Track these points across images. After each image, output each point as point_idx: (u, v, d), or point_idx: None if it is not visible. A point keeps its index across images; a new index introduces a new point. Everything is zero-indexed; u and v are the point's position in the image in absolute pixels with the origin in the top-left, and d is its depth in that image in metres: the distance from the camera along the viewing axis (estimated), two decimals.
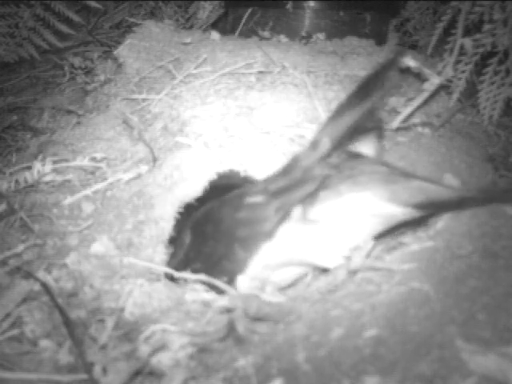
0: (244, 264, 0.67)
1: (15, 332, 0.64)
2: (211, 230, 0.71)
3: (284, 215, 0.64)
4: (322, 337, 0.55)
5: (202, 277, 0.67)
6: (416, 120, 0.99)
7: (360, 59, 1.11)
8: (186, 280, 0.69)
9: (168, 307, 0.64)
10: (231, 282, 0.68)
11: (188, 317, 0.62)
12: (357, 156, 0.66)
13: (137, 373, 0.55)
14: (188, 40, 1.20)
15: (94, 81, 1.24)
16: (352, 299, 0.59)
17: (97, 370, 0.56)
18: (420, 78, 1.00)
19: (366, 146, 0.68)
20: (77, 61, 1.32)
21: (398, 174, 0.64)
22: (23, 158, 1.04)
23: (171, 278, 0.72)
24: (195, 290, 0.68)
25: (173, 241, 0.79)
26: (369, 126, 0.67)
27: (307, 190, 0.63)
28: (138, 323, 0.63)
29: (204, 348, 0.59)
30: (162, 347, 0.58)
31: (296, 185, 0.64)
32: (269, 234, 0.65)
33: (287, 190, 0.65)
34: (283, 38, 1.24)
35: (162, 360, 0.56)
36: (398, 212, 0.63)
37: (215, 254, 0.69)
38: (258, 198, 0.66)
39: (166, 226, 0.80)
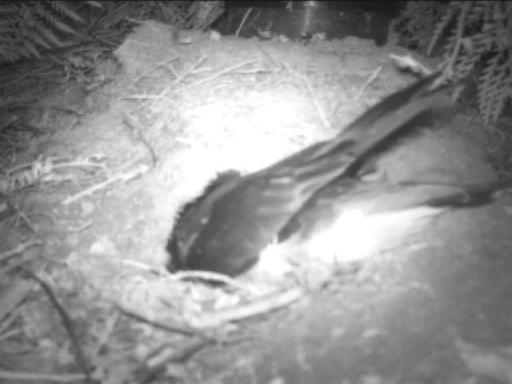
0: (266, 243, 0.67)
1: (15, 332, 0.64)
2: (233, 208, 0.71)
3: (310, 197, 0.66)
4: (322, 337, 0.55)
5: (207, 274, 0.67)
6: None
7: (360, 59, 1.11)
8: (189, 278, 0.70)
9: (164, 305, 0.64)
10: (253, 261, 0.68)
11: (188, 316, 0.62)
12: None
13: (136, 374, 0.55)
14: (188, 40, 1.20)
15: (94, 81, 1.24)
16: (352, 299, 0.59)
17: (98, 372, 0.56)
18: (420, 77, 1.00)
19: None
20: (77, 61, 1.32)
21: (401, 184, 0.68)
22: (23, 158, 1.04)
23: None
24: (199, 289, 0.68)
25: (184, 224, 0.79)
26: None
27: (333, 175, 0.65)
28: (136, 322, 0.63)
29: (203, 348, 0.59)
30: (160, 348, 0.58)
31: (323, 170, 0.66)
32: (292, 215, 0.66)
33: (314, 174, 0.66)
34: (283, 38, 1.24)
35: (161, 361, 0.56)
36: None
37: (235, 232, 0.69)
38: (283, 180, 0.67)
39: (166, 226, 0.80)
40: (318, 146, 0.70)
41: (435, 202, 0.65)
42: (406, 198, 0.65)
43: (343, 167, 0.65)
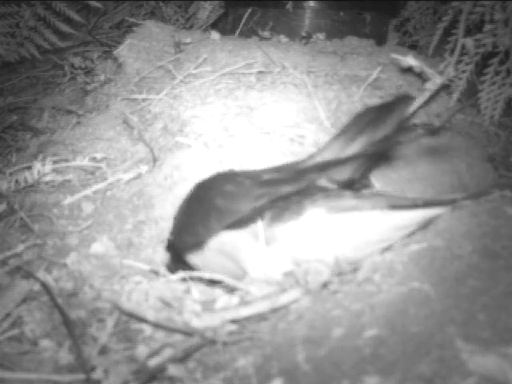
0: (213, 234, 0.69)
1: (15, 332, 0.64)
2: (200, 194, 0.74)
3: (262, 204, 0.66)
4: (322, 337, 0.54)
5: (208, 274, 0.69)
6: (416, 120, 0.99)
7: (360, 59, 1.11)
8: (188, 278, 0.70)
9: (165, 305, 0.64)
10: (198, 245, 0.70)
11: (188, 316, 0.62)
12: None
13: (136, 374, 0.55)
14: (188, 40, 1.20)
15: (94, 81, 1.24)
16: (352, 299, 0.59)
17: (98, 372, 0.56)
18: (421, 77, 1.00)
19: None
20: (77, 61, 1.32)
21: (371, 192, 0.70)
22: (23, 158, 1.04)
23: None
24: (199, 288, 0.69)
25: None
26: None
27: (290, 189, 0.66)
28: (136, 322, 0.63)
29: (203, 348, 0.59)
30: (160, 348, 0.58)
31: (284, 182, 0.67)
32: (241, 214, 0.67)
33: (275, 183, 0.67)
34: (283, 38, 1.24)
35: (161, 361, 0.56)
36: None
37: (194, 216, 0.72)
38: (245, 180, 0.69)
39: (166, 226, 0.80)
40: (306, 159, 0.71)
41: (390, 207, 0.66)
42: (366, 204, 0.66)
43: (302, 184, 0.66)
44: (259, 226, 0.67)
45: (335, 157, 0.68)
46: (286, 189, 0.66)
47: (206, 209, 0.70)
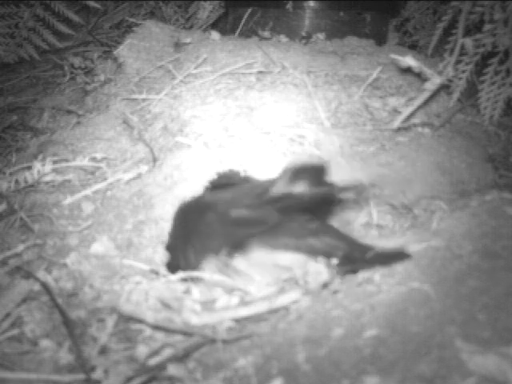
0: (194, 266, 0.71)
1: (15, 332, 0.64)
2: (180, 224, 0.77)
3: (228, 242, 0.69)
4: (322, 337, 0.55)
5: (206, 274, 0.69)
6: (416, 120, 0.99)
7: (360, 59, 1.11)
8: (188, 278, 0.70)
9: (164, 306, 0.64)
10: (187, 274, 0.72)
11: (187, 315, 0.62)
12: None
13: (136, 374, 0.55)
14: (188, 40, 1.20)
15: (94, 81, 1.24)
16: (352, 299, 0.59)
17: (98, 372, 0.56)
18: (421, 77, 1.00)
19: None
20: (77, 61, 1.32)
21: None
22: (23, 158, 1.04)
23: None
24: (199, 289, 0.69)
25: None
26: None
27: (254, 232, 0.68)
28: (136, 322, 0.63)
29: (203, 346, 0.59)
30: (160, 347, 0.58)
31: (249, 222, 0.68)
32: (210, 252, 0.69)
33: (242, 223, 0.69)
34: (283, 38, 1.24)
35: (161, 361, 0.56)
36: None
37: (177, 249, 0.75)
38: (217, 218, 0.71)
39: (166, 226, 0.80)
40: (269, 183, 0.73)
41: (312, 253, 0.66)
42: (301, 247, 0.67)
43: (267, 225, 0.67)
44: (221, 260, 0.69)
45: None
46: (251, 230, 0.68)
47: (185, 243, 0.74)
